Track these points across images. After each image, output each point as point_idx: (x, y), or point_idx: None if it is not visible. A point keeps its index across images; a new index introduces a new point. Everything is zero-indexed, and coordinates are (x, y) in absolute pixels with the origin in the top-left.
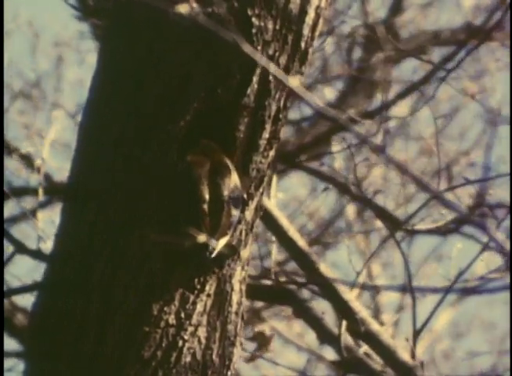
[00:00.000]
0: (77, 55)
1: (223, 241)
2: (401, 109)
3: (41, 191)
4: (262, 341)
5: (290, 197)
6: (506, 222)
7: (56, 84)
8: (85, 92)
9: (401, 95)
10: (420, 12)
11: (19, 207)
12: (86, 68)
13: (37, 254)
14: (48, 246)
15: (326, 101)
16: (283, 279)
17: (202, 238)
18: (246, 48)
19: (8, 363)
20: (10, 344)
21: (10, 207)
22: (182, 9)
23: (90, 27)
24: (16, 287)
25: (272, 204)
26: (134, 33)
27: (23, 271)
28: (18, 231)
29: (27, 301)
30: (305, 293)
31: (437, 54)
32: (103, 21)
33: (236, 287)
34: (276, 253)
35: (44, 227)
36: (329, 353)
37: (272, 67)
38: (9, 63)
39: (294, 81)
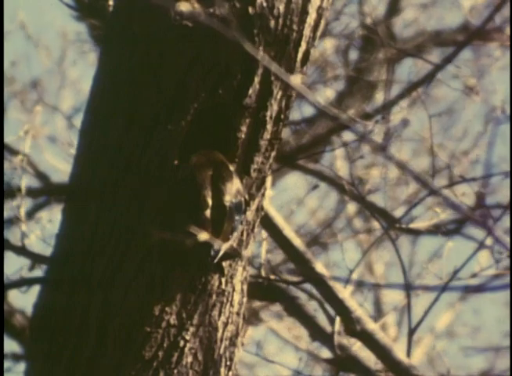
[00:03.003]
0: (76, 55)
1: (226, 246)
2: (400, 109)
3: (23, 183)
4: None
5: (288, 197)
6: (505, 222)
7: (56, 84)
8: (85, 92)
9: (400, 96)
10: (417, 12)
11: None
12: (86, 68)
13: (21, 251)
14: (32, 242)
15: (326, 101)
16: (275, 277)
17: (204, 239)
18: (248, 47)
19: (7, 364)
20: (10, 345)
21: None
22: (183, 6)
23: (87, 27)
24: (12, 281)
25: (266, 202)
26: (134, 34)
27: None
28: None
29: (25, 302)
30: (299, 291)
31: (435, 54)
32: (100, 21)
33: (238, 287)
34: (268, 251)
35: (32, 228)
36: (324, 353)
37: (274, 66)
38: (9, 64)
39: (296, 80)
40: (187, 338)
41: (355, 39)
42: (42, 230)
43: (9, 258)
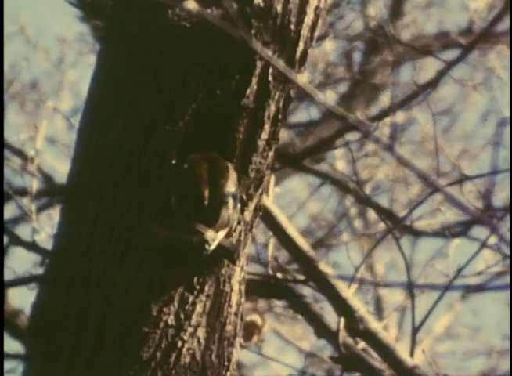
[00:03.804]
0: (78, 55)
1: (222, 234)
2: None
3: (35, 184)
4: (253, 330)
5: (292, 198)
6: (506, 222)
7: (56, 84)
8: (84, 92)
9: (408, 97)
10: (420, 14)
11: (18, 206)
12: (86, 68)
13: (31, 246)
14: (42, 238)
15: (331, 101)
16: (281, 275)
17: (202, 234)
18: (256, 45)
19: (8, 364)
20: (12, 345)
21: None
22: (190, 5)
23: (91, 28)
24: (11, 279)
25: (270, 201)
26: (132, 32)
27: (17, 262)
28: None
29: (27, 301)
30: (305, 289)
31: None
32: (102, 21)
33: (236, 287)
34: (274, 249)
35: (41, 225)
36: (327, 353)
37: (282, 65)
38: (9, 64)
39: (302, 79)
40: (185, 338)
41: (359, 41)
42: (53, 227)
43: (20, 254)
